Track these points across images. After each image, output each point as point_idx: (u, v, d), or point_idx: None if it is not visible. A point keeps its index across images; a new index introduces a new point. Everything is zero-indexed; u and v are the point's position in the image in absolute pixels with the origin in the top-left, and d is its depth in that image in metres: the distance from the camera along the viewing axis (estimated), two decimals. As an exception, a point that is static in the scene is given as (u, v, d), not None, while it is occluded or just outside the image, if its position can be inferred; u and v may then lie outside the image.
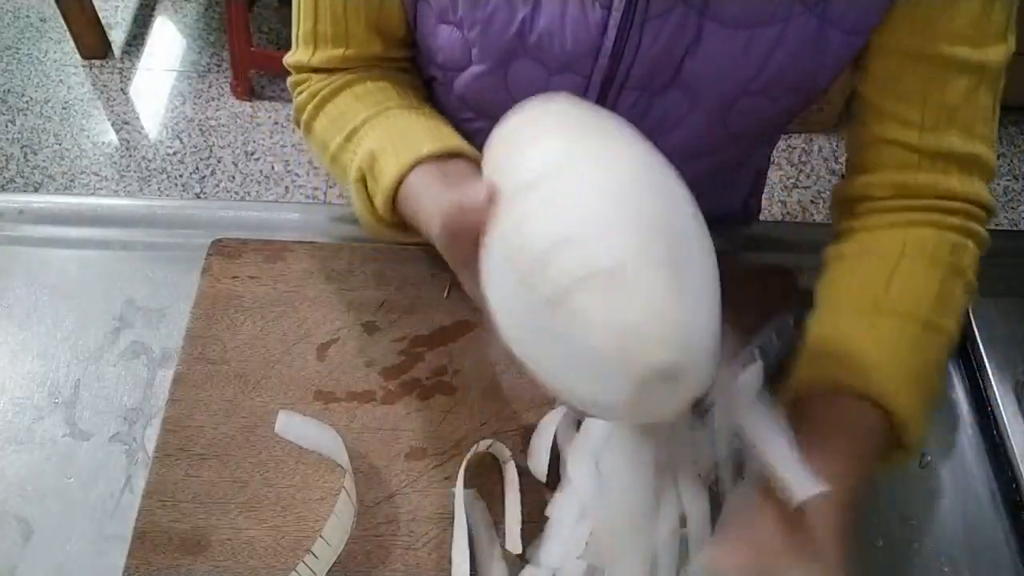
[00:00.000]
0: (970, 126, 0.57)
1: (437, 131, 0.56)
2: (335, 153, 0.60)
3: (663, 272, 0.36)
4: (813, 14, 0.53)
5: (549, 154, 0.40)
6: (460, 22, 0.57)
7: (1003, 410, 0.63)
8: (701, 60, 0.56)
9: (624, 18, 0.53)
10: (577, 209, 0.37)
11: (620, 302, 0.35)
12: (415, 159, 0.52)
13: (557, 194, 0.38)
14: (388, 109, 0.59)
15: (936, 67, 0.55)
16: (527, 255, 0.37)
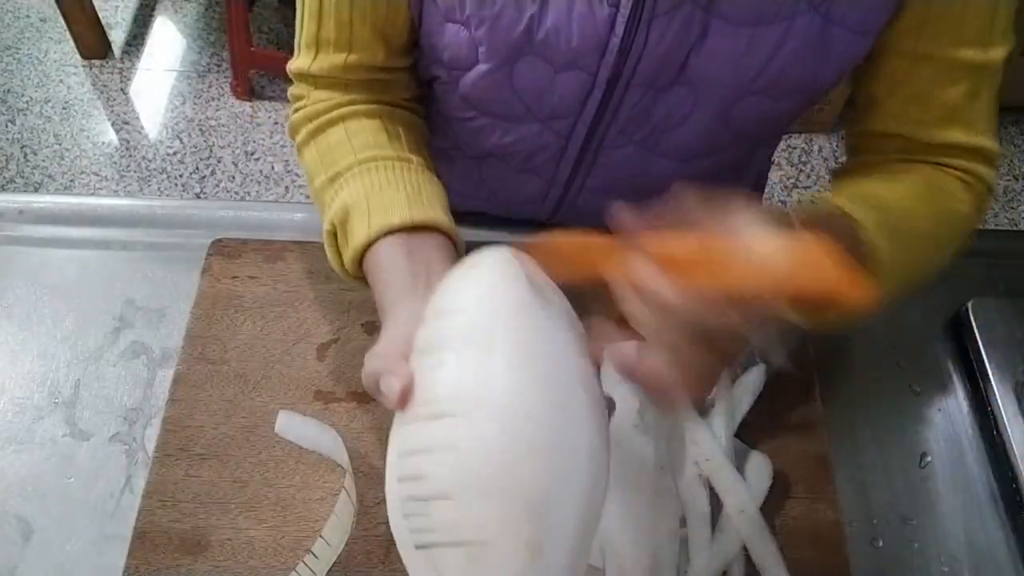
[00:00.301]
0: (972, 123, 0.58)
1: (416, 196, 0.56)
2: (318, 190, 0.60)
3: (521, 556, 0.36)
4: (818, 13, 0.54)
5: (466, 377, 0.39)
6: (467, 20, 0.57)
7: (1003, 410, 0.63)
8: (706, 57, 0.56)
9: (632, 15, 0.53)
10: (467, 466, 0.37)
11: (480, 570, 0.36)
12: (384, 229, 0.52)
13: (456, 439, 0.37)
14: (374, 159, 0.58)
15: (943, 69, 0.56)
16: (412, 492, 0.38)
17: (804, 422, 0.62)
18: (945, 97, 0.57)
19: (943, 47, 0.55)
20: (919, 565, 0.58)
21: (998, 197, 1.95)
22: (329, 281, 0.68)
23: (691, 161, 0.66)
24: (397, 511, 0.39)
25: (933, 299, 0.71)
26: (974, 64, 0.56)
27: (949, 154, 0.59)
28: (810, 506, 0.58)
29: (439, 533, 0.37)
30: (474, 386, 0.38)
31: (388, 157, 0.58)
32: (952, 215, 0.58)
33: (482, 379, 0.38)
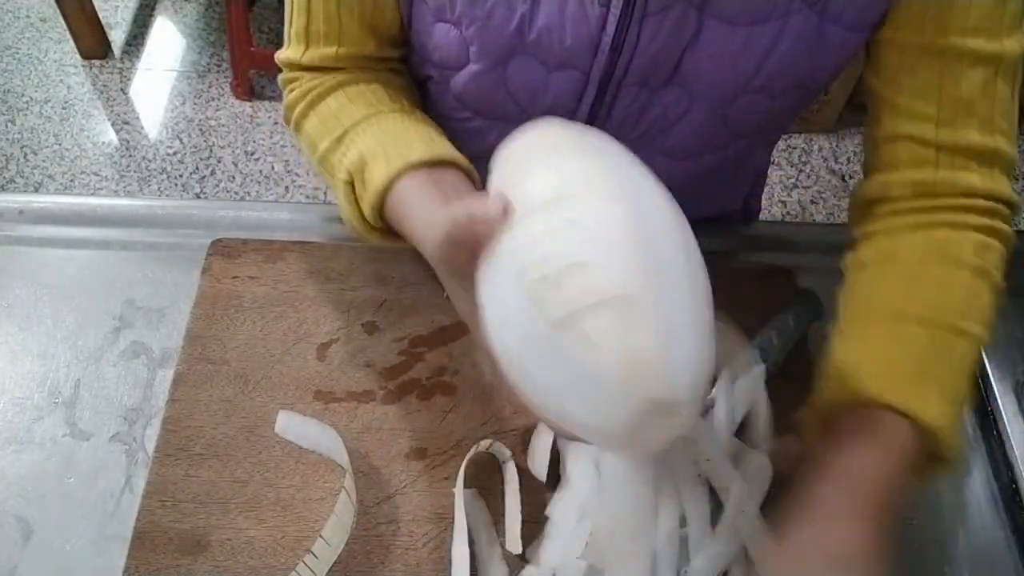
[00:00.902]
0: (988, 119, 0.55)
1: (429, 137, 0.56)
2: (324, 154, 0.59)
3: (671, 309, 0.37)
4: (813, 11, 0.53)
5: (565, 176, 0.40)
6: (458, 20, 0.57)
7: (1003, 410, 0.63)
8: (700, 56, 0.56)
9: (623, 14, 0.53)
10: (594, 234, 0.37)
11: (629, 332, 0.36)
12: (405, 165, 0.52)
13: (574, 217, 0.38)
14: (380, 112, 0.58)
15: (950, 60, 0.54)
16: (541, 272, 0.37)
17: (804, 422, 0.62)
18: (957, 90, 0.54)
19: (950, 37, 0.53)
20: (919, 565, 0.58)
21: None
22: (329, 281, 0.68)
23: (689, 159, 0.66)
24: (518, 307, 0.38)
25: (933, 299, 0.71)
26: (984, 54, 0.53)
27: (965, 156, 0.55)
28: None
29: (581, 299, 0.36)
30: (579, 179, 0.39)
31: (393, 110, 0.59)
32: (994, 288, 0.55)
33: (579, 172, 0.40)
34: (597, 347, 0.36)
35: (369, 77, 0.62)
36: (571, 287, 0.36)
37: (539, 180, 0.40)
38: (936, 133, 0.55)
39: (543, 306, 0.37)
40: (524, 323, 0.38)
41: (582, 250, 0.37)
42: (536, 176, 0.41)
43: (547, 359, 0.38)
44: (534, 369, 0.39)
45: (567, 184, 0.39)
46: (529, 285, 0.38)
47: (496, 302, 0.41)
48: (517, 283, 0.38)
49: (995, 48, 0.53)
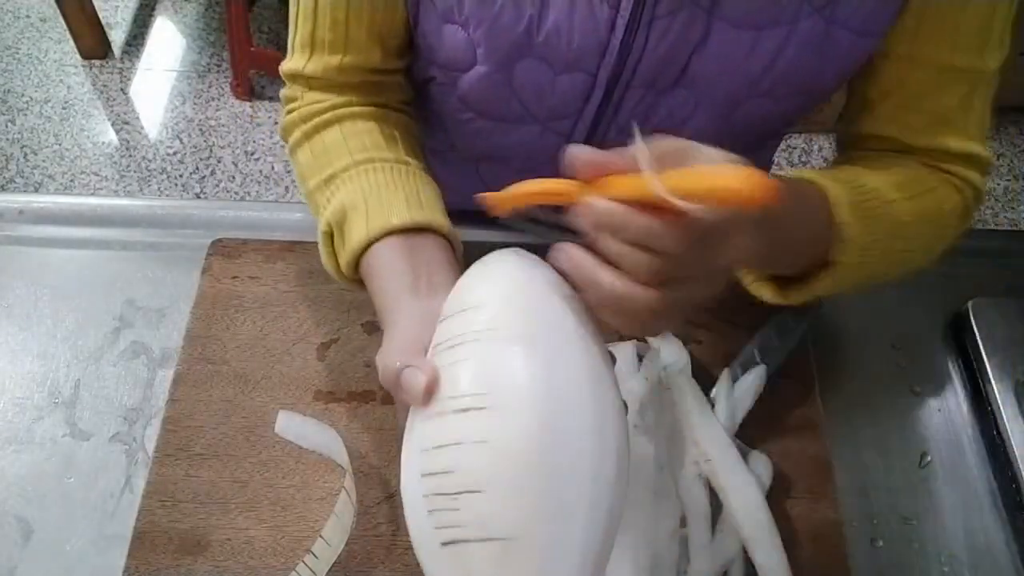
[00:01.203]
0: (964, 129, 0.58)
1: (415, 198, 0.55)
2: (312, 191, 0.59)
3: (556, 553, 0.36)
4: (821, 16, 0.53)
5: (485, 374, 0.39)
6: (466, 21, 0.57)
7: (1003, 410, 0.63)
8: (708, 60, 0.56)
9: (632, 16, 0.53)
10: (499, 458, 0.36)
11: (512, 567, 0.36)
12: (384, 229, 0.52)
13: (481, 432, 0.37)
14: (371, 161, 0.58)
15: (937, 74, 0.56)
16: (441, 487, 0.37)
17: (804, 422, 0.62)
18: (938, 103, 0.57)
19: (939, 52, 0.55)
20: (919, 565, 0.58)
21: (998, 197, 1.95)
22: (329, 281, 0.68)
23: None
24: (419, 508, 0.38)
25: (933, 299, 0.71)
26: (969, 70, 0.56)
27: (941, 158, 0.59)
28: (810, 506, 0.58)
29: (469, 528, 0.36)
30: (504, 379, 0.38)
31: (386, 159, 0.58)
32: (938, 213, 0.58)
33: (511, 372, 0.38)
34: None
35: (368, 111, 0.62)
36: (463, 512, 0.36)
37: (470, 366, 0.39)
38: (915, 138, 0.59)
39: (435, 519, 0.37)
40: (416, 522, 0.39)
41: (485, 473, 0.36)
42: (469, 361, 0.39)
43: (429, 567, 0.39)
44: (424, 551, 0.39)
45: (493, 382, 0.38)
46: (426, 495, 0.38)
47: (407, 469, 0.41)
48: (418, 484, 0.39)
49: (977, 64, 0.56)
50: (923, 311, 0.71)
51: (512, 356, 0.39)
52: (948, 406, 0.66)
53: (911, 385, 0.67)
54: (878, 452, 0.63)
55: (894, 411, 0.66)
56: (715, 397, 0.61)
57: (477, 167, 0.73)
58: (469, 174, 0.74)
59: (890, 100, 0.59)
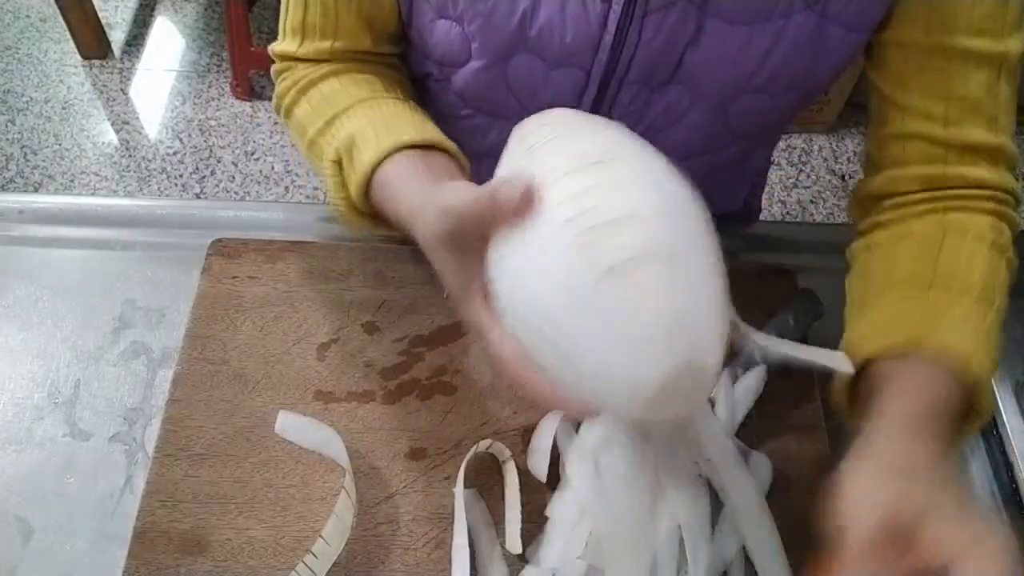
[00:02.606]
0: (993, 118, 0.56)
1: (421, 123, 0.56)
2: (313, 138, 0.58)
3: (704, 275, 0.39)
4: (813, 11, 0.54)
5: (594, 144, 0.41)
6: (460, 16, 0.57)
7: (1003, 410, 0.63)
8: (701, 56, 0.56)
9: (624, 12, 0.53)
10: (637, 195, 0.39)
11: (676, 288, 0.37)
12: (395, 145, 0.51)
13: (615, 177, 0.39)
14: (373, 97, 0.58)
15: (957, 60, 0.55)
16: (593, 221, 0.37)
17: (804, 422, 0.62)
18: (964, 90, 0.55)
19: (956, 37, 0.54)
20: (919, 565, 0.58)
21: (998, 197, 1.95)
22: (329, 281, 0.68)
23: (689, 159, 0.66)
24: (567, 255, 0.38)
25: (933, 299, 0.71)
26: (989, 55, 0.54)
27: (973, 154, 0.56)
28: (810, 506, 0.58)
29: (632, 249, 0.37)
30: (603, 148, 0.41)
31: (387, 97, 0.59)
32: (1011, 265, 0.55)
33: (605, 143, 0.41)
34: (644, 298, 0.36)
35: (366, 69, 0.62)
36: (625, 236, 0.37)
37: (570, 148, 0.41)
38: (945, 132, 0.56)
39: (595, 254, 0.37)
40: (559, 277, 0.38)
41: (630, 205, 0.38)
42: (565, 146, 0.41)
43: (582, 315, 0.38)
44: (565, 328, 0.38)
45: (597, 151, 0.40)
46: (581, 232, 0.37)
47: (521, 263, 0.40)
48: (559, 235, 0.38)
49: (999, 48, 0.54)
50: (923, 311, 0.71)
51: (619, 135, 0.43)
52: (948, 406, 0.66)
53: (911, 385, 0.67)
54: (878, 452, 0.63)
55: (894, 411, 0.65)
56: (715, 397, 0.61)
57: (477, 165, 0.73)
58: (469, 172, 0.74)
59: (911, 91, 0.57)
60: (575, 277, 0.37)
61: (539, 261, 0.39)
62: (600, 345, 0.38)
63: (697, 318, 0.38)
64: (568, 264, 0.38)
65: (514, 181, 0.39)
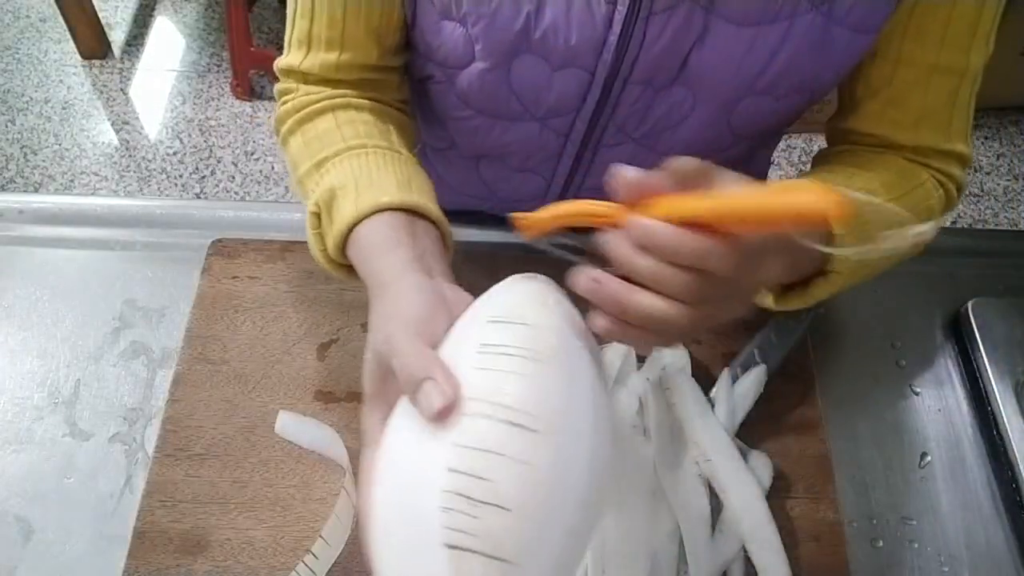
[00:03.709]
0: (948, 126, 0.60)
1: (407, 182, 0.54)
2: (302, 177, 0.58)
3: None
4: (819, 12, 0.54)
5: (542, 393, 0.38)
6: (464, 18, 0.57)
7: (1003, 410, 0.63)
8: (706, 57, 0.56)
9: (629, 12, 0.53)
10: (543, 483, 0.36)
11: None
12: (374, 207, 0.50)
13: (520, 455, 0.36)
14: (364, 146, 0.57)
15: (923, 73, 0.57)
16: (465, 487, 0.36)
17: (804, 422, 0.62)
18: (924, 101, 0.58)
19: (926, 51, 0.56)
20: (919, 565, 0.58)
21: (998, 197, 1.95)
22: (329, 281, 0.68)
23: None
24: (430, 499, 0.36)
25: (933, 299, 0.71)
26: (954, 69, 0.57)
27: (925, 154, 0.60)
28: (810, 506, 0.58)
29: (481, 541, 0.35)
30: (555, 411, 0.38)
31: (379, 146, 0.57)
32: (926, 210, 0.59)
33: (562, 404, 0.38)
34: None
35: (364, 103, 0.61)
36: (484, 525, 0.35)
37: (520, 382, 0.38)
38: (901, 135, 0.60)
39: (449, 520, 0.35)
40: (429, 506, 0.36)
41: (519, 496, 0.35)
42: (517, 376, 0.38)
43: (423, 550, 0.36)
44: (393, 543, 0.38)
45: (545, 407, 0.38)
46: (446, 491, 0.36)
47: (400, 459, 0.39)
48: (444, 473, 0.36)
49: (962, 62, 0.57)
50: (923, 311, 0.71)
51: (561, 389, 0.39)
52: (948, 406, 0.66)
53: (911, 385, 0.67)
54: (878, 452, 0.63)
55: (894, 411, 0.66)
56: (715, 397, 0.61)
57: (477, 165, 0.73)
58: (470, 172, 0.74)
59: (877, 98, 0.60)
60: (426, 525, 0.36)
61: (417, 476, 0.37)
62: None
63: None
64: (427, 509, 0.36)
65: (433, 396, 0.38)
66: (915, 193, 0.58)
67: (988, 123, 2.05)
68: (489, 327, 0.41)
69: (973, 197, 1.95)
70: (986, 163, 2.00)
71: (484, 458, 0.36)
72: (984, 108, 2.04)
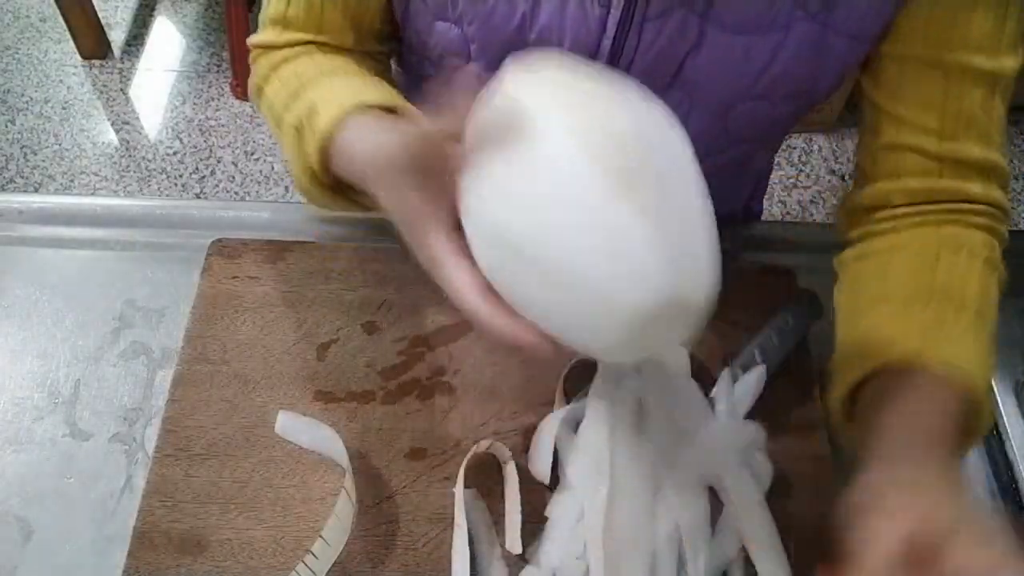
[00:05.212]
0: (987, 134, 0.56)
1: (389, 91, 0.53)
2: (280, 113, 0.55)
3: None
4: (815, 21, 0.53)
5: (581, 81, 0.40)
6: (459, 18, 0.57)
7: (1003, 410, 0.63)
8: (702, 63, 0.56)
9: (623, 17, 0.53)
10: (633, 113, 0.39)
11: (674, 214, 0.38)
12: (356, 105, 0.48)
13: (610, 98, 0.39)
14: (345, 69, 0.56)
15: (954, 76, 0.55)
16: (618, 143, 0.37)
17: (804, 422, 0.62)
18: (959, 105, 0.55)
19: (953, 53, 0.54)
20: (919, 565, 0.58)
21: (998, 197, 1.95)
22: (329, 281, 0.68)
23: None
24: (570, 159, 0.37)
25: (933, 299, 0.71)
26: (985, 72, 0.54)
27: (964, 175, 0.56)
28: (810, 506, 0.58)
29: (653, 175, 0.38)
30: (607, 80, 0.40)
31: (358, 72, 0.56)
32: (1001, 281, 0.56)
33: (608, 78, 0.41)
34: (655, 220, 0.36)
35: (342, 50, 0.60)
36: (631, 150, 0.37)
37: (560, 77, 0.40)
38: (939, 146, 0.56)
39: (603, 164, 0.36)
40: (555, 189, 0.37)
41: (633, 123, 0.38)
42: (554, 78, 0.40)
43: (575, 228, 0.37)
44: (552, 245, 0.37)
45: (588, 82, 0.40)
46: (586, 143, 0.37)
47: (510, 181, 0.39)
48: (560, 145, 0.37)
49: (994, 66, 0.54)
50: (923, 311, 0.71)
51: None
52: (948, 406, 0.66)
53: (911, 385, 0.67)
54: (878, 452, 0.63)
55: (894, 411, 0.65)
56: (715, 397, 0.61)
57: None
58: None
59: (905, 104, 0.57)
60: (576, 196, 0.37)
61: (533, 177, 0.38)
62: (588, 261, 0.37)
63: (694, 250, 0.38)
64: (572, 174, 0.37)
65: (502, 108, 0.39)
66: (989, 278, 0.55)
67: (988, 123, 2.05)
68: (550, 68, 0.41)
69: (973, 197, 1.95)
70: (986, 163, 1.99)
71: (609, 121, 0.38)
72: (984, 108, 2.04)
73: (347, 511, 0.54)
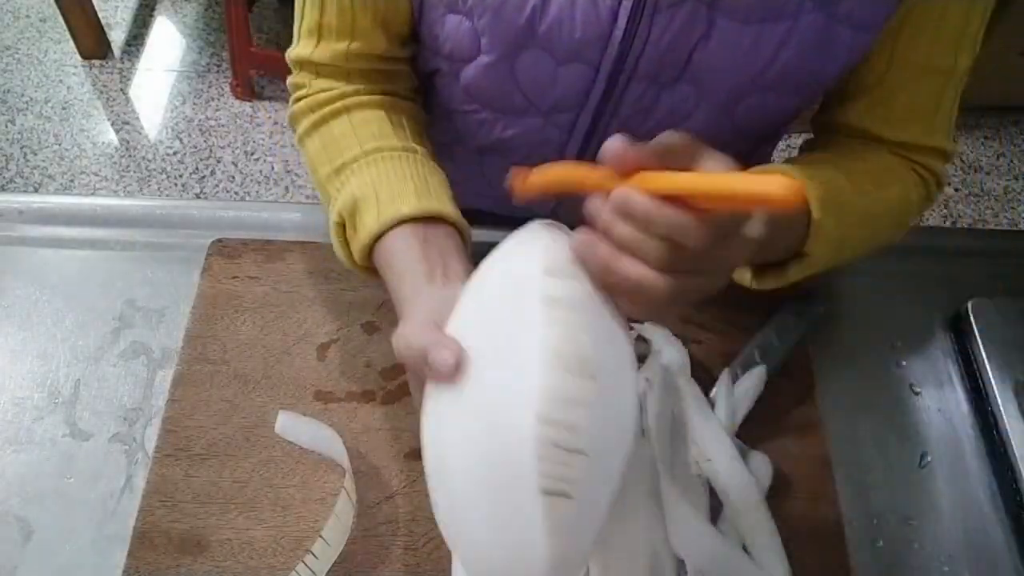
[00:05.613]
0: (932, 125, 0.61)
1: (424, 187, 0.56)
2: (322, 181, 0.60)
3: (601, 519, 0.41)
4: (822, 11, 0.54)
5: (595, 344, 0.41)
6: (470, 11, 0.57)
7: (1003, 410, 0.63)
8: (711, 54, 0.56)
9: (634, 8, 0.54)
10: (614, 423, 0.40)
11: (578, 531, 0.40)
12: (395, 219, 0.53)
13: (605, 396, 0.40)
14: (380, 150, 0.59)
15: (914, 74, 0.58)
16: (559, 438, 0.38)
17: (804, 422, 0.62)
18: (911, 100, 0.60)
19: (918, 53, 0.57)
20: (919, 565, 0.58)
21: (998, 197, 1.95)
22: (329, 281, 0.68)
23: None
24: (526, 448, 0.38)
25: (933, 299, 0.71)
26: (943, 70, 0.58)
27: (908, 149, 0.62)
28: (810, 506, 0.59)
29: (574, 487, 0.38)
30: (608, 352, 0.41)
31: (393, 148, 0.59)
32: (904, 202, 0.61)
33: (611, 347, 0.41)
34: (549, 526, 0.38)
35: (376, 100, 0.63)
36: (575, 470, 0.38)
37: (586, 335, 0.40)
38: (886, 131, 0.61)
39: (546, 469, 0.38)
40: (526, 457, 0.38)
41: (595, 441, 0.39)
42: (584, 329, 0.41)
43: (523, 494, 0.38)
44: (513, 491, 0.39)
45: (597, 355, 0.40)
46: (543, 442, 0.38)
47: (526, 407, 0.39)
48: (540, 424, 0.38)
49: (951, 65, 0.58)
50: (923, 311, 0.71)
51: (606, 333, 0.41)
52: (948, 406, 0.66)
53: (911, 385, 0.67)
54: (878, 452, 0.63)
55: (894, 411, 0.66)
56: (715, 397, 0.61)
57: (480, 160, 0.73)
58: (473, 168, 0.74)
59: (867, 95, 0.61)
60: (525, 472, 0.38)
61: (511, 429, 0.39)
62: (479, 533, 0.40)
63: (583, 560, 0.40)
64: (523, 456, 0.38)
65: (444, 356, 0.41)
66: (895, 186, 0.60)
67: (988, 123, 2.05)
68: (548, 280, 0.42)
69: (973, 197, 1.95)
70: (986, 163, 2.00)
71: (574, 410, 0.39)
72: (984, 108, 2.04)
73: (347, 511, 0.54)
